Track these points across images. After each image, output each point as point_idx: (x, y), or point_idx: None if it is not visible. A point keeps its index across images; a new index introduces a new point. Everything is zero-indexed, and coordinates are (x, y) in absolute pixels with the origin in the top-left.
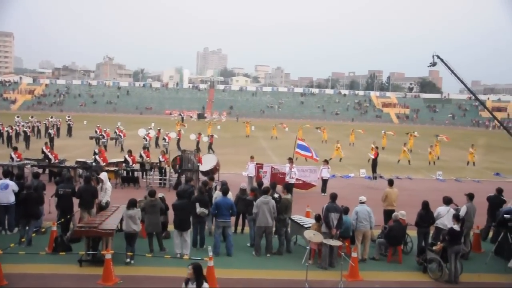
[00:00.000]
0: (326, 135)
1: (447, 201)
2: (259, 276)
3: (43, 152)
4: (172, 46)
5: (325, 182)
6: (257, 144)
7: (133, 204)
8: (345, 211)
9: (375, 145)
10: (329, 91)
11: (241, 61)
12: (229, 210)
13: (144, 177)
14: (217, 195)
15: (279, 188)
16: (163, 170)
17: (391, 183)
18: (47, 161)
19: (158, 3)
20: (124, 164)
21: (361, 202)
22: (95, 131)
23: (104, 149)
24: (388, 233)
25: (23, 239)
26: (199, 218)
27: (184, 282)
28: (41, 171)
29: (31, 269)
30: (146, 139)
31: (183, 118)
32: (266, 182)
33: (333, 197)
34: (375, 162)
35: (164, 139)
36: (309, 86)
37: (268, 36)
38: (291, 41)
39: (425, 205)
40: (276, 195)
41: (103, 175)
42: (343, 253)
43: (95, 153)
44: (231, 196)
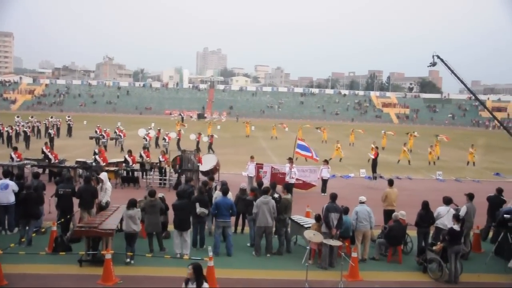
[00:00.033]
0: (326, 135)
1: (447, 201)
2: (259, 276)
3: (43, 152)
4: (172, 46)
5: (325, 182)
6: (257, 144)
7: (133, 204)
8: (345, 211)
9: (375, 145)
10: (329, 91)
11: (241, 61)
12: (229, 210)
13: (144, 177)
14: (217, 195)
15: (279, 188)
16: (163, 170)
17: (391, 183)
18: (47, 161)
19: (158, 3)
20: (124, 164)
21: (361, 202)
22: (95, 131)
23: (104, 149)
24: (388, 233)
25: (23, 239)
26: (199, 218)
27: (184, 282)
28: (41, 171)
29: (31, 269)
30: (146, 139)
31: (183, 118)
32: (266, 182)
33: (333, 197)
34: (375, 162)
35: (164, 139)
36: (309, 86)
37: (268, 36)
38: (291, 41)
39: (425, 205)
40: (276, 195)
41: (103, 175)
42: (343, 253)
43: (95, 153)
44: (231, 196)
